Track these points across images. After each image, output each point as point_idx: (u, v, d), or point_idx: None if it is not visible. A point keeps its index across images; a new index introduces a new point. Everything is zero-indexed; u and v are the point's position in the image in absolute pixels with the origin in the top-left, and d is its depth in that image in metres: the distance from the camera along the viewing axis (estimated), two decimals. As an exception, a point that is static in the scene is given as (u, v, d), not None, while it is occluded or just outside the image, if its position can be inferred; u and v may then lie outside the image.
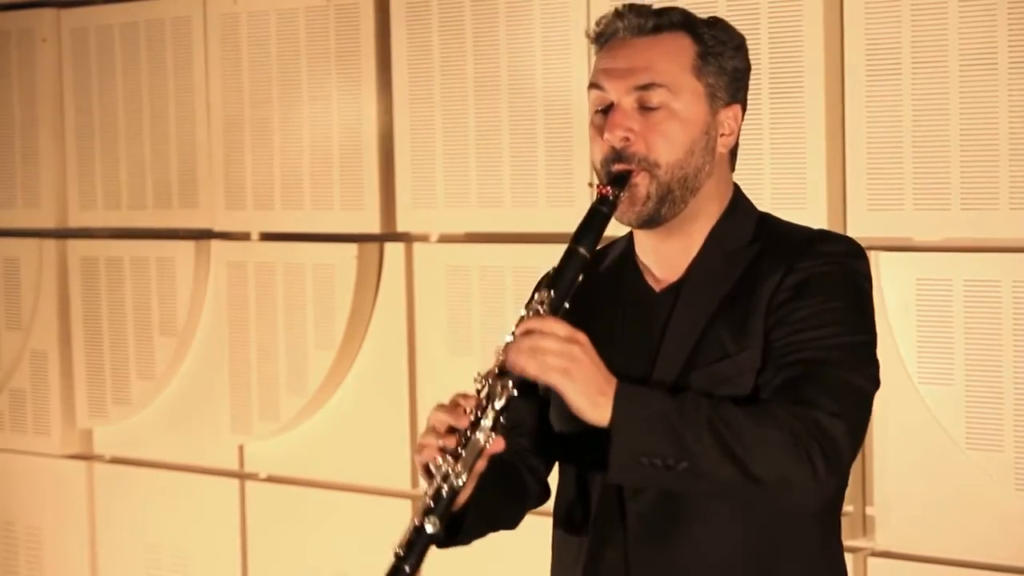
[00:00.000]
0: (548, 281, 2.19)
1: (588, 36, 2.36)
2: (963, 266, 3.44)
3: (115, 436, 5.03)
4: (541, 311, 2.15)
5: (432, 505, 2.15)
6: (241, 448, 4.72)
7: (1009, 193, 3.36)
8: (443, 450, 2.15)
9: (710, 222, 2.32)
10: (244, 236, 4.66)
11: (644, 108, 2.26)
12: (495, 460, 2.23)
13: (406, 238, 4.35)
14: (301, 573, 4.57)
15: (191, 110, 4.71)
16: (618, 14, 2.31)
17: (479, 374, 2.18)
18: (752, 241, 2.31)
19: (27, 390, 5.14)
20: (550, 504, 2.46)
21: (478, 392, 2.16)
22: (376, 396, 4.40)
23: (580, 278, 2.21)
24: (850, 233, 3.57)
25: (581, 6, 3.90)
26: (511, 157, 4.06)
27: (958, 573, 3.47)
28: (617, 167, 2.25)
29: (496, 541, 2.54)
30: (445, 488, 2.15)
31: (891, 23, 3.48)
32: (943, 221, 3.45)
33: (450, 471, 2.14)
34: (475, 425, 2.14)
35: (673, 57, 2.27)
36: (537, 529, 2.62)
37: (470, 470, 2.15)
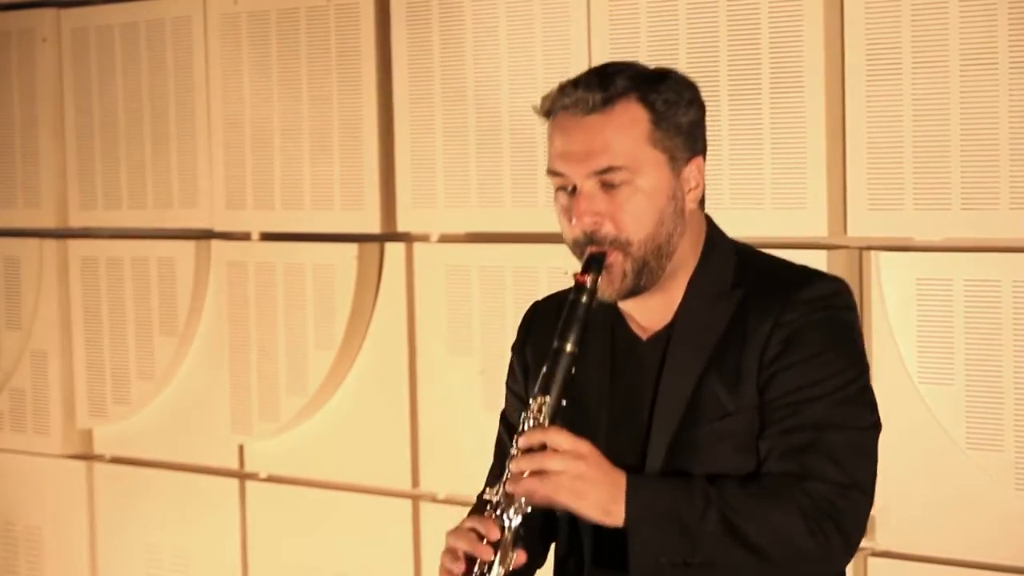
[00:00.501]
0: (540, 385, 2.19)
1: (535, 111, 2.32)
2: (963, 266, 3.44)
3: (115, 436, 5.03)
4: (540, 421, 2.16)
5: None
6: (241, 448, 4.72)
7: (1009, 193, 3.36)
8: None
9: (688, 272, 2.32)
10: (244, 236, 4.66)
11: (607, 186, 2.24)
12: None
13: (406, 238, 4.35)
14: (301, 573, 4.57)
15: (191, 110, 4.71)
16: (563, 91, 2.27)
17: (487, 489, 2.20)
18: (734, 285, 2.30)
19: (27, 390, 5.14)
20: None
21: (495, 517, 2.17)
22: (376, 396, 4.40)
23: (572, 372, 2.20)
24: (850, 233, 3.57)
25: (581, 6, 3.90)
26: (511, 157, 4.05)
27: (958, 573, 3.47)
28: (591, 249, 2.24)
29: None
30: None
31: (891, 23, 3.48)
32: (943, 221, 3.45)
33: None
34: (494, 549, 2.16)
35: (627, 132, 2.24)
36: None
37: None
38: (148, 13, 4.79)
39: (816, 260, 3.57)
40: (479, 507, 2.23)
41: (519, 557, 2.17)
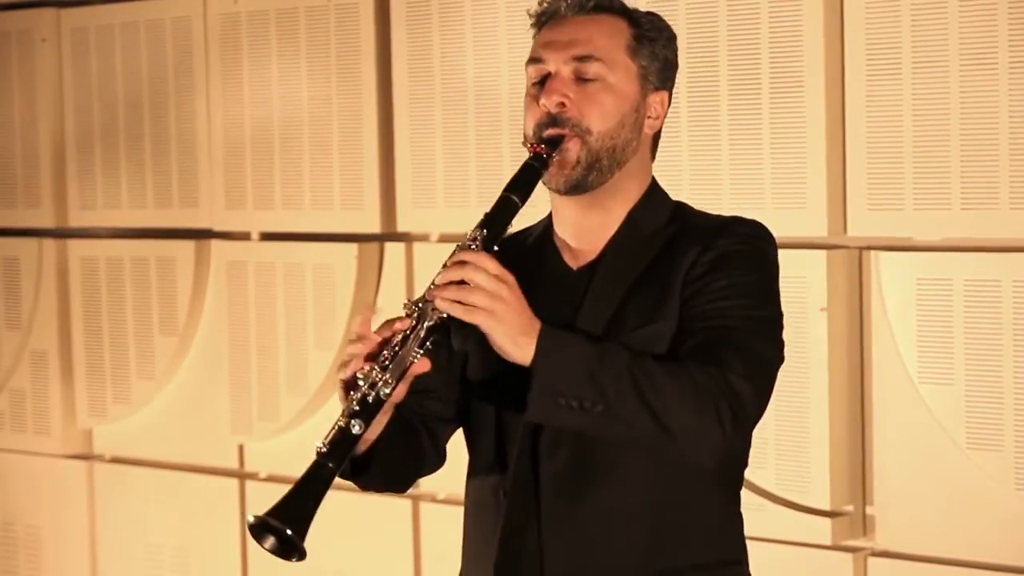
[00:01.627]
0: (480, 222, 2.27)
1: (529, 15, 2.44)
2: (963, 266, 3.44)
3: (115, 436, 5.03)
4: (473, 247, 2.23)
5: (358, 409, 2.20)
6: (241, 448, 4.72)
7: (1009, 193, 3.36)
8: (372, 358, 2.21)
9: (630, 202, 2.41)
10: (244, 236, 4.66)
11: (580, 80, 2.36)
12: (398, 417, 2.32)
13: (406, 238, 4.36)
14: (301, 573, 4.57)
15: (191, 110, 4.71)
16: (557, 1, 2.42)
17: (408, 300, 2.24)
18: (668, 224, 2.40)
19: (27, 390, 5.14)
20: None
21: (408, 315, 2.22)
22: (376, 396, 4.40)
23: (510, 225, 2.30)
24: (850, 233, 3.57)
25: (581, 6, 3.90)
26: (511, 157, 4.05)
27: (958, 573, 3.47)
28: (550, 131, 2.35)
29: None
30: (372, 395, 2.20)
31: (891, 23, 3.48)
32: (943, 221, 3.45)
33: (378, 379, 2.19)
34: (404, 341, 2.20)
35: (611, 35, 2.38)
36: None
37: (397, 381, 2.20)
38: (148, 13, 4.79)
39: (816, 260, 3.57)
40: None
41: (422, 363, 2.21)
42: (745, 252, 2.34)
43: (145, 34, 4.80)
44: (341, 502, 4.48)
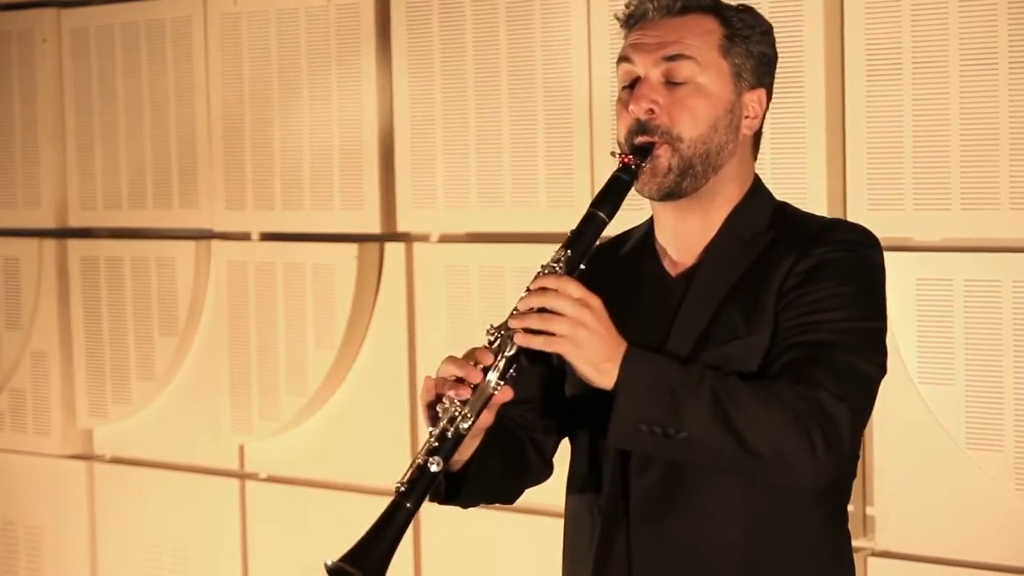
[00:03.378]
0: (565, 242, 2.21)
1: (617, 18, 2.38)
2: (963, 266, 3.44)
3: (115, 436, 5.03)
4: (557, 269, 2.17)
5: (437, 445, 2.17)
6: (241, 448, 4.72)
7: (1009, 193, 3.36)
8: (451, 395, 2.17)
9: (729, 205, 2.34)
10: (244, 236, 4.66)
11: (670, 83, 2.29)
12: (500, 429, 2.26)
13: (406, 238, 4.35)
14: (301, 573, 4.57)
15: (191, 110, 4.71)
16: (644, 2, 2.34)
17: (492, 326, 2.19)
18: (768, 228, 2.32)
19: (27, 390, 5.14)
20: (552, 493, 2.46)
21: (490, 343, 2.18)
22: (376, 396, 4.40)
23: (597, 242, 2.23)
24: (850, 233, 3.57)
25: (581, 6, 3.90)
26: (511, 157, 4.06)
27: (958, 573, 3.47)
28: (640, 139, 2.27)
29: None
30: (451, 431, 2.16)
31: (891, 23, 3.48)
32: (943, 221, 3.45)
33: (457, 413, 2.16)
34: (484, 372, 2.16)
35: (702, 35, 2.30)
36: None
37: (477, 415, 2.16)
38: (148, 13, 4.79)
39: (816, 260, 3.57)
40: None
41: (504, 392, 2.17)
42: (843, 260, 2.25)
43: (145, 34, 4.80)
44: (341, 502, 4.49)
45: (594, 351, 2.11)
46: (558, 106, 3.96)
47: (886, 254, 3.48)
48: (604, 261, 2.35)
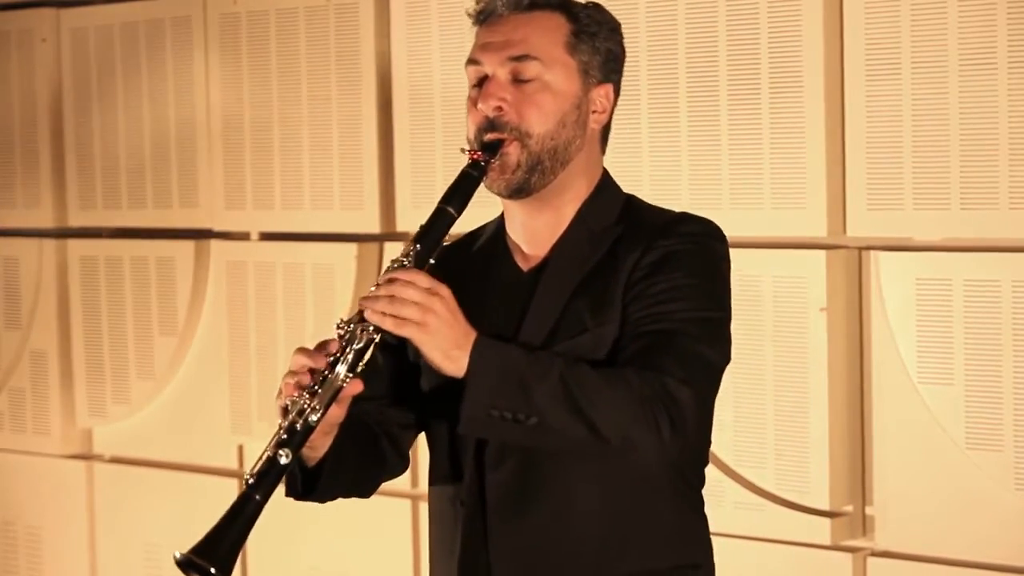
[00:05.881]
0: (415, 237, 2.25)
1: (468, 15, 2.45)
2: (963, 266, 3.44)
3: (115, 436, 5.03)
4: (406, 263, 2.21)
5: (286, 438, 2.20)
6: (241, 448, 4.72)
7: (1009, 193, 3.36)
8: (301, 387, 2.20)
9: (578, 199, 2.38)
10: (244, 236, 4.66)
11: (518, 81, 2.34)
12: (356, 424, 2.31)
13: (406, 238, 4.35)
14: (301, 573, 4.57)
15: (191, 110, 4.71)
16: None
17: (341, 320, 2.22)
18: (617, 222, 2.36)
19: (27, 390, 5.14)
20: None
21: (340, 337, 2.20)
22: (376, 396, 4.40)
23: (447, 238, 2.28)
24: (850, 233, 3.57)
25: (581, 6, 3.90)
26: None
27: (958, 573, 3.47)
28: (490, 136, 2.34)
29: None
30: (300, 423, 2.19)
31: (891, 23, 3.48)
32: (943, 221, 3.45)
33: (306, 406, 2.18)
34: (333, 365, 2.19)
35: (547, 33, 2.35)
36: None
37: (326, 407, 2.19)
38: (148, 13, 4.79)
39: (816, 260, 3.57)
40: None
41: (354, 385, 2.19)
42: (688, 252, 2.29)
43: (145, 34, 4.80)
44: (341, 502, 4.48)
45: (443, 338, 2.14)
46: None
47: (886, 254, 3.49)
48: (456, 257, 2.38)
